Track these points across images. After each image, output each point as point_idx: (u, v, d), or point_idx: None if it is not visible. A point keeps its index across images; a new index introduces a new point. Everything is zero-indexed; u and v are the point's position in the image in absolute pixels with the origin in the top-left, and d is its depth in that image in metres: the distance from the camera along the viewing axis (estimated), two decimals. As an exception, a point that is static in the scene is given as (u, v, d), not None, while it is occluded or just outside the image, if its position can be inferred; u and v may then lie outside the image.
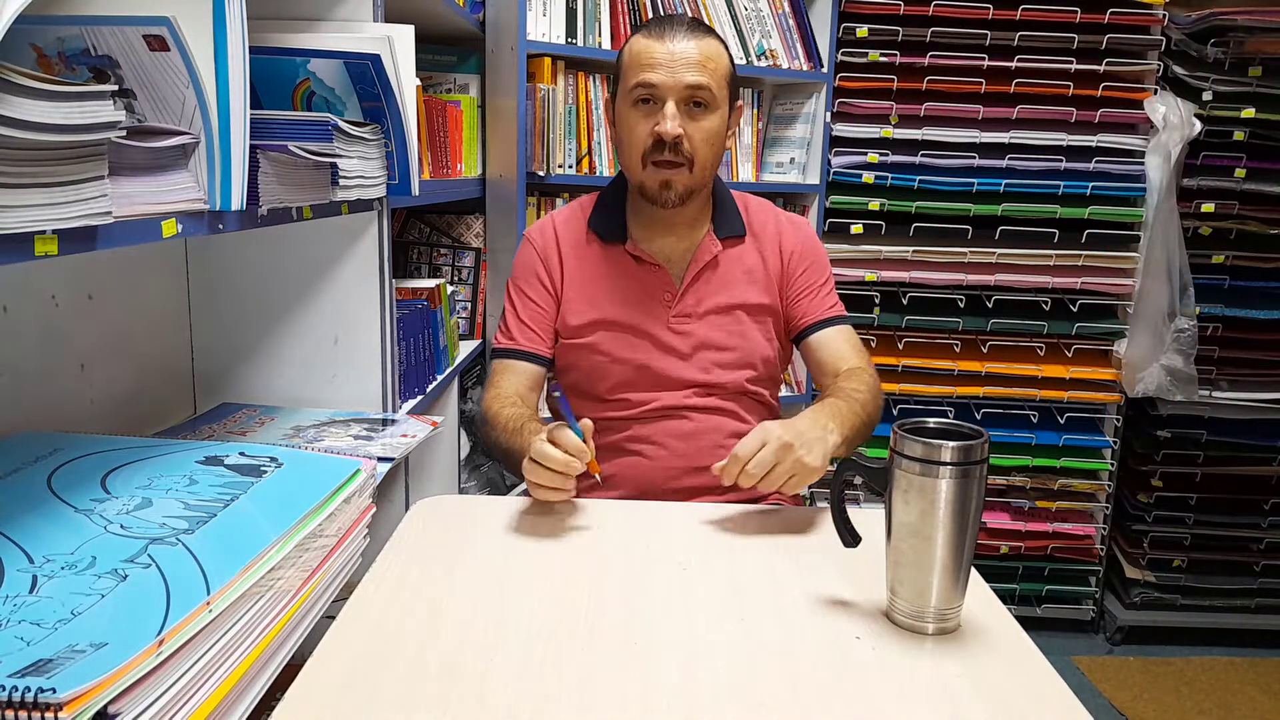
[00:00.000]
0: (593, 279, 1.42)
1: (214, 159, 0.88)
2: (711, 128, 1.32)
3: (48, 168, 0.64)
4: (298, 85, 1.26)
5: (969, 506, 0.86)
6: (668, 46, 1.29)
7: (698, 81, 1.28)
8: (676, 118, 1.29)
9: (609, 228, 1.42)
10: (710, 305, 1.39)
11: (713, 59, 1.30)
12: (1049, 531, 2.54)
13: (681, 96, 1.29)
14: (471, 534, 1.11)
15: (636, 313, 1.39)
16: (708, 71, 1.29)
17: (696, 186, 1.35)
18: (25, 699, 0.58)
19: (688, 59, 1.28)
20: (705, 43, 1.31)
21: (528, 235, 1.47)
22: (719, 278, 1.40)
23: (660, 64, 1.29)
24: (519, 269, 1.45)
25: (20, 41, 0.83)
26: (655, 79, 1.29)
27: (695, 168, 1.32)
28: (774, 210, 1.48)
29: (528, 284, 1.43)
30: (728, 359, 1.39)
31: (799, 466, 1.09)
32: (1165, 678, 2.45)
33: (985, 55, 2.35)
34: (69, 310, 1.15)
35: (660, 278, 1.40)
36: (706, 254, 1.40)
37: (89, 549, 0.78)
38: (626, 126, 1.34)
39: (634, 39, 1.34)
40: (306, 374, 1.44)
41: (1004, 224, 2.42)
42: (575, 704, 0.77)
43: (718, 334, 1.39)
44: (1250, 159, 2.38)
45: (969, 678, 0.82)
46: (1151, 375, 2.38)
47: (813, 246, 1.46)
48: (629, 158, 1.35)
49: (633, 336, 1.38)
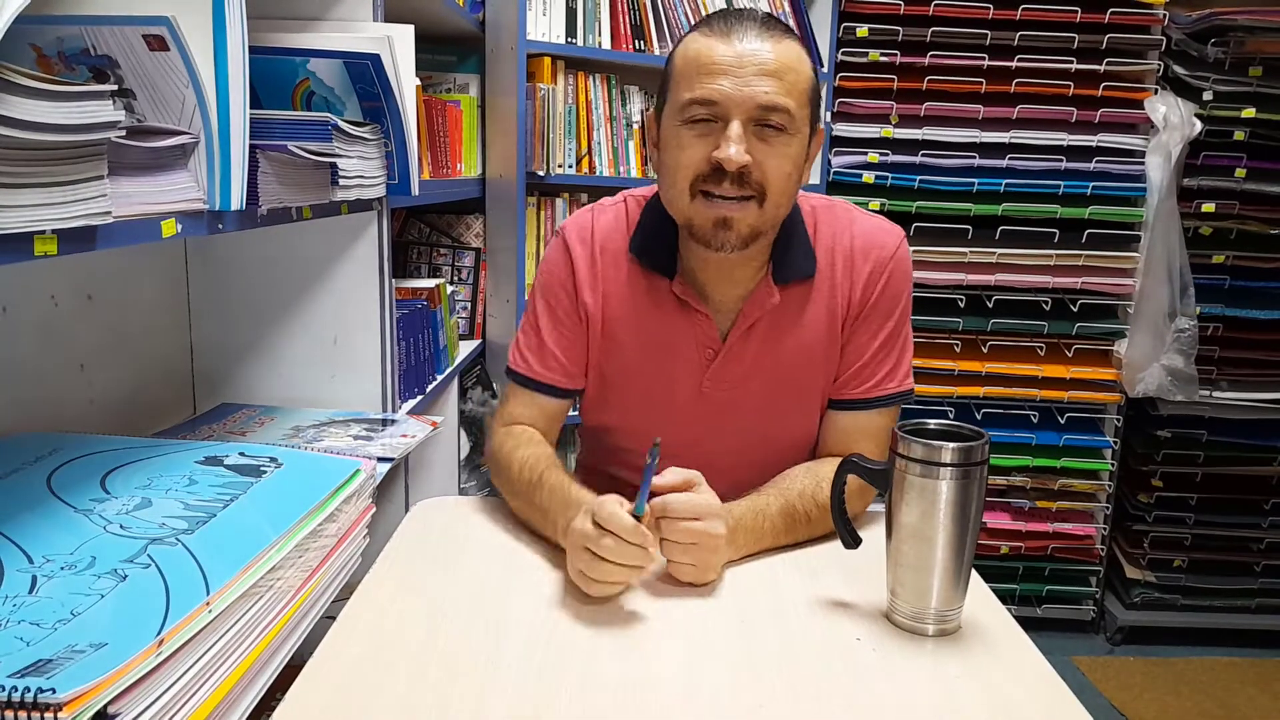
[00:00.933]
0: (626, 314, 1.15)
1: (213, 159, 0.88)
2: (789, 155, 1.02)
3: (47, 167, 0.64)
4: (297, 85, 1.26)
5: (970, 508, 0.86)
6: (735, 48, 0.99)
7: (773, 101, 0.98)
8: (743, 141, 0.99)
9: (654, 255, 1.13)
10: (755, 375, 1.14)
11: (792, 68, 1.00)
12: (1049, 532, 2.54)
13: (750, 115, 0.99)
14: (472, 535, 1.10)
15: (667, 365, 1.14)
16: (786, 85, 0.99)
17: (766, 228, 1.05)
18: (25, 699, 0.58)
19: (761, 66, 0.99)
20: (784, 46, 1.01)
21: (564, 234, 1.18)
22: (773, 338, 1.13)
23: (724, 71, 0.99)
24: (549, 277, 1.18)
25: (20, 41, 0.83)
26: (717, 92, 0.99)
27: (767, 203, 1.02)
28: (850, 223, 1.14)
29: (556, 299, 1.16)
30: (755, 439, 1.16)
31: (705, 564, 0.96)
32: (1165, 678, 2.45)
33: (985, 55, 2.35)
34: (68, 310, 1.15)
35: (705, 329, 1.13)
36: (759, 307, 1.11)
37: (88, 549, 0.78)
38: (673, 148, 1.03)
39: (689, 38, 1.04)
40: (306, 374, 1.44)
41: (1004, 224, 2.42)
42: (576, 705, 0.77)
43: (754, 410, 1.15)
44: (1251, 159, 2.37)
45: (969, 679, 0.82)
46: (1152, 375, 2.38)
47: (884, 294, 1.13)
48: (672, 187, 1.05)
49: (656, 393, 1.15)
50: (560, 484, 1.04)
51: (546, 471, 1.07)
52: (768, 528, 1.04)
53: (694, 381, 1.14)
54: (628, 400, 1.17)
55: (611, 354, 1.16)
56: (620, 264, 1.15)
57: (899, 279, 1.14)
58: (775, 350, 1.13)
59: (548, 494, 1.04)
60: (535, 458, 1.10)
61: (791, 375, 1.14)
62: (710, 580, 0.98)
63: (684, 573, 0.96)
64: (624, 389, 1.17)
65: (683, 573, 0.96)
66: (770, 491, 1.07)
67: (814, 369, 1.15)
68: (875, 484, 0.92)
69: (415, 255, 2.17)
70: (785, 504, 1.06)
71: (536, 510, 1.06)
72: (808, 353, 1.14)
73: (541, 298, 1.18)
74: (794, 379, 1.14)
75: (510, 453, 1.13)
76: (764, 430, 1.16)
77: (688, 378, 1.14)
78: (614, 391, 1.18)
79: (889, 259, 1.13)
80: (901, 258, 1.14)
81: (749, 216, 1.02)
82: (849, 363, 1.15)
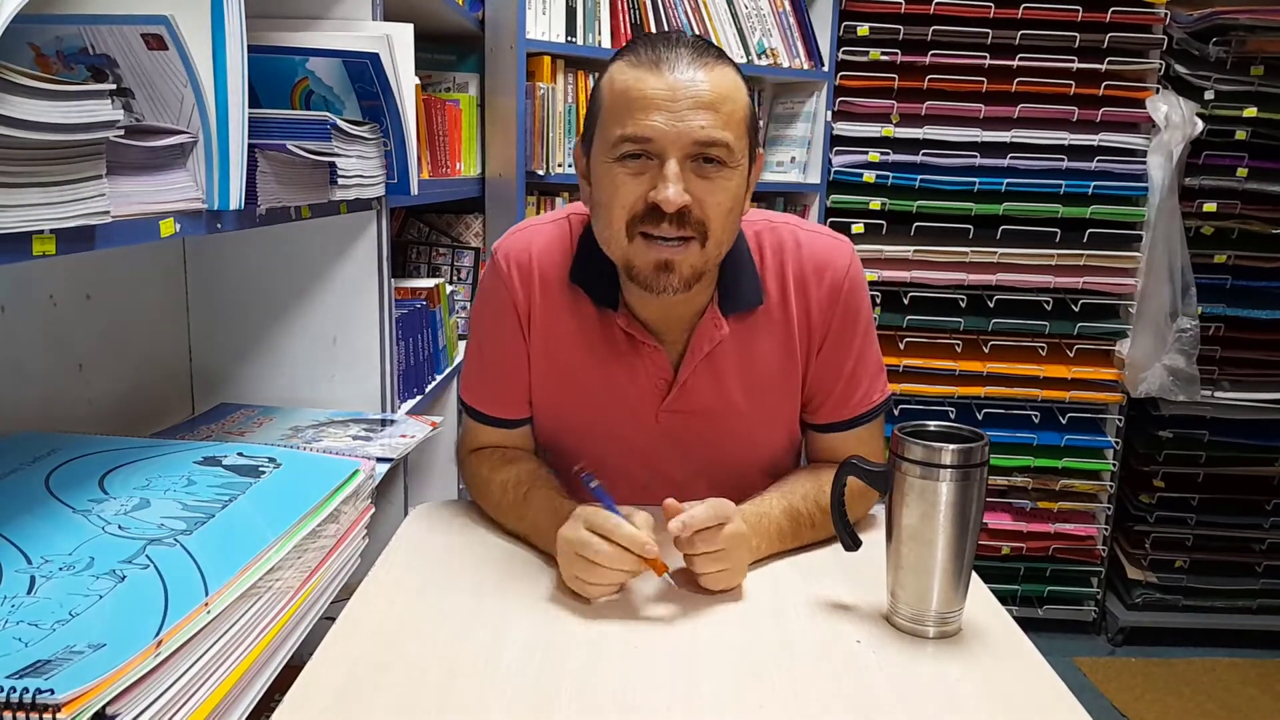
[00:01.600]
0: (567, 346, 1.10)
1: (212, 158, 0.88)
2: (729, 191, 0.96)
3: (46, 167, 0.64)
4: (296, 84, 1.26)
5: (970, 509, 0.86)
6: (666, 79, 0.93)
7: (710, 136, 0.93)
8: (680, 180, 0.93)
9: (595, 287, 1.07)
10: (712, 405, 1.10)
11: (729, 98, 0.95)
12: (1050, 532, 2.54)
13: (687, 152, 0.93)
14: (471, 537, 1.10)
15: (619, 395, 1.09)
16: (723, 117, 0.94)
17: (709, 267, 1.00)
18: (24, 700, 0.58)
19: (696, 98, 0.92)
20: (718, 74, 0.95)
21: (499, 256, 1.11)
22: (726, 368, 1.09)
23: (657, 105, 0.93)
24: (485, 304, 1.13)
25: (18, 40, 0.83)
26: (651, 129, 0.92)
27: (709, 242, 0.97)
28: (797, 245, 1.09)
29: (497, 328, 1.11)
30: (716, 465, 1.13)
31: (737, 565, 0.94)
32: (1167, 679, 2.45)
33: (987, 54, 2.35)
34: (67, 310, 1.15)
35: (655, 359, 1.08)
36: (707, 341, 1.07)
37: (87, 550, 0.78)
38: (607, 187, 0.97)
39: (615, 67, 0.97)
40: (305, 374, 1.44)
41: (1005, 223, 2.41)
42: (576, 707, 0.77)
43: (713, 438, 1.12)
44: (1252, 158, 2.37)
45: (970, 681, 0.82)
46: (1153, 375, 2.38)
47: (845, 316, 1.10)
48: (607, 227, 0.98)
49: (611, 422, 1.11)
50: (548, 499, 1.03)
51: (531, 490, 1.06)
52: (774, 530, 1.03)
53: (650, 410, 1.11)
54: (581, 428, 1.13)
55: (562, 382, 1.12)
56: (563, 289, 1.09)
57: (855, 294, 1.10)
58: (730, 380, 1.10)
59: (536, 511, 1.03)
60: (516, 477, 1.08)
61: (749, 402, 1.11)
62: (739, 583, 0.96)
63: (717, 581, 0.94)
64: (577, 417, 1.13)
65: (716, 581, 0.94)
66: (772, 495, 1.06)
67: (772, 395, 1.12)
68: (875, 486, 0.92)
69: (414, 255, 2.17)
70: (788, 506, 1.05)
71: (527, 526, 1.05)
72: (764, 380, 1.11)
73: (479, 326, 1.15)
74: (752, 406, 1.11)
75: (488, 477, 1.12)
76: (725, 456, 1.13)
77: (643, 406, 1.11)
78: (566, 418, 1.14)
79: (843, 278, 1.09)
80: (855, 274, 1.10)
81: (691, 257, 0.97)
82: (825, 388, 1.12)
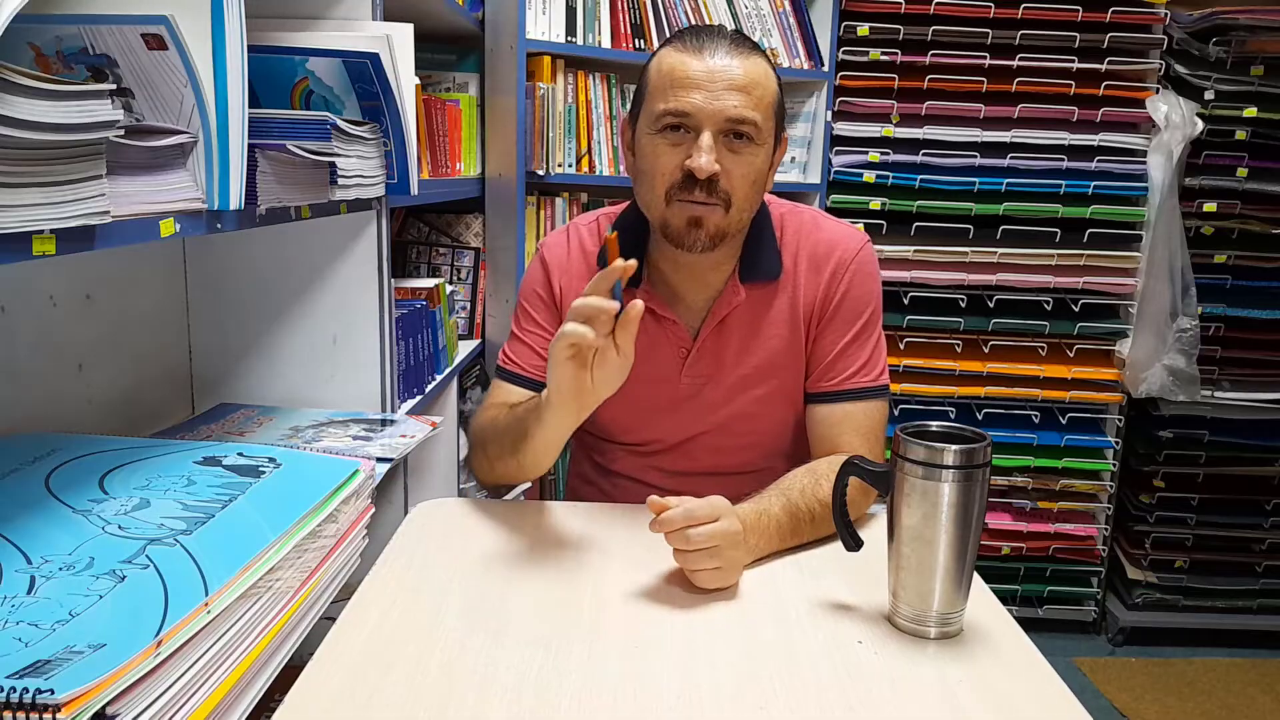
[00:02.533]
0: None
1: (212, 158, 0.88)
2: (755, 164, 1.10)
3: (45, 167, 0.63)
4: (296, 84, 1.26)
5: (971, 510, 0.86)
6: (706, 63, 1.07)
7: (741, 114, 1.07)
8: (713, 151, 1.07)
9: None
10: (728, 366, 1.21)
11: (759, 84, 1.09)
12: (1051, 532, 2.54)
13: (720, 127, 1.07)
14: (471, 537, 1.10)
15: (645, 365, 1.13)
16: (753, 100, 1.08)
17: (732, 230, 1.13)
18: (24, 700, 0.57)
19: (731, 81, 1.07)
20: (752, 62, 1.09)
21: (543, 250, 1.29)
22: (741, 332, 1.21)
23: (697, 85, 1.07)
24: (528, 287, 1.29)
25: (18, 40, 0.83)
26: (690, 105, 1.07)
27: (732, 208, 1.10)
28: (815, 228, 1.23)
29: (534, 305, 1.26)
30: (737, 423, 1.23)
31: (731, 563, 0.96)
32: (1167, 679, 2.45)
33: (987, 54, 2.35)
34: (67, 310, 1.15)
35: (675, 331, 1.21)
36: (725, 306, 1.19)
37: (87, 550, 0.78)
38: (649, 155, 1.11)
39: (663, 52, 1.12)
40: (305, 374, 1.43)
41: (1005, 223, 2.42)
42: (576, 707, 0.77)
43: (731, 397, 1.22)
44: (1252, 158, 2.37)
45: (971, 681, 0.82)
46: (1154, 375, 2.38)
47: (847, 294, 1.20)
48: (650, 192, 1.13)
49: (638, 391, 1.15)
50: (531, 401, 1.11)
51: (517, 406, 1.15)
52: (774, 528, 1.04)
53: (673, 377, 1.22)
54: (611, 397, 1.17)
55: None
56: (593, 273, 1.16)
57: (863, 280, 1.21)
58: (744, 343, 1.21)
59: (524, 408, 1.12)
60: (507, 410, 1.17)
61: (761, 365, 1.21)
62: (734, 582, 0.97)
63: (709, 579, 0.95)
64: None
65: (708, 580, 0.95)
66: (770, 493, 1.07)
67: (781, 360, 1.21)
68: (876, 486, 0.92)
69: (414, 255, 2.17)
70: (788, 503, 1.06)
71: (520, 423, 1.10)
72: (773, 345, 1.21)
73: (521, 306, 1.28)
74: (764, 369, 1.21)
75: (486, 421, 1.21)
76: (744, 414, 1.23)
77: (667, 374, 1.22)
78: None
79: (850, 260, 1.20)
80: (864, 260, 1.21)
81: (716, 218, 1.10)
82: (820, 358, 1.21)
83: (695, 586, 0.96)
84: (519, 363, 1.26)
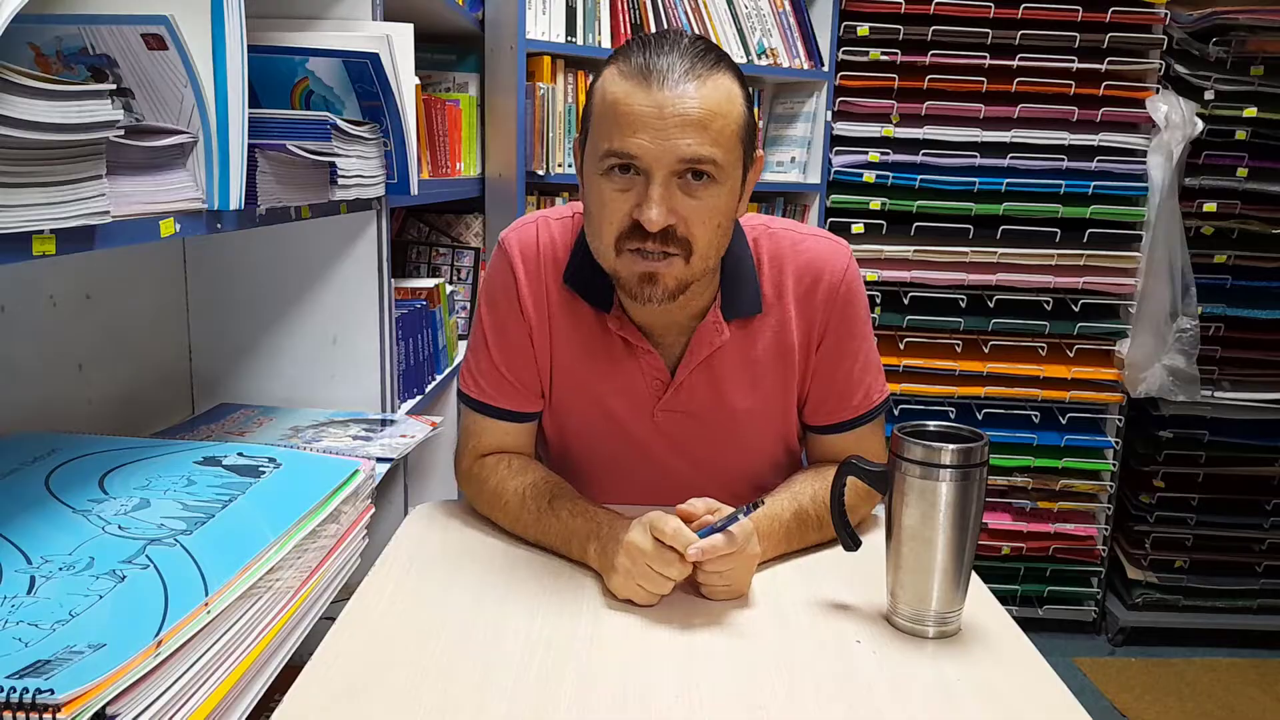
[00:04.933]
0: (571, 337, 1.10)
1: (212, 158, 0.88)
2: (717, 206, 0.95)
3: (45, 167, 0.63)
4: (296, 84, 1.26)
5: (969, 509, 0.86)
6: (654, 96, 0.90)
7: (696, 154, 0.91)
8: (665, 201, 0.92)
9: (589, 289, 1.07)
10: (708, 407, 1.10)
11: (718, 113, 0.92)
12: (1050, 532, 2.54)
13: (674, 169, 0.92)
14: (471, 538, 1.10)
15: (615, 393, 1.10)
16: (712, 135, 0.91)
17: (696, 278, 0.99)
18: (24, 700, 0.58)
19: (684, 116, 0.90)
20: (710, 87, 0.92)
21: (506, 245, 1.12)
22: (723, 372, 1.09)
23: (644, 123, 0.90)
24: (493, 292, 1.12)
25: (18, 40, 0.83)
26: (636, 147, 0.91)
27: (694, 256, 0.96)
28: (795, 251, 1.09)
29: (502, 316, 1.11)
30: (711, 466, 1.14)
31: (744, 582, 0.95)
32: (1167, 679, 2.45)
33: (987, 54, 2.35)
34: (67, 310, 1.15)
35: (650, 362, 1.09)
36: (707, 344, 1.07)
37: (87, 550, 0.78)
38: (595, 199, 0.97)
39: (608, 75, 0.95)
40: (305, 374, 1.43)
41: (1005, 223, 2.41)
42: (575, 708, 0.77)
43: (708, 438, 1.12)
44: (1252, 158, 2.37)
45: (970, 681, 0.82)
46: (1153, 375, 2.38)
47: (843, 318, 1.10)
48: (597, 239, 0.98)
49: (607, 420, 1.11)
50: (580, 505, 1.02)
51: (556, 500, 1.04)
52: (782, 533, 1.04)
53: (646, 410, 1.11)
54: (578, 423, 1.14)
55: (559, 375, 1.12)
56: (563, 286, 1.09)
57: (853, 295, 1.10)
58: (728, 383, 1.10)
59: (568, 516, 1.02)
60: (534, 486, 1.07)
61: (746, 406, 1.11)
62: (745, 593, 0.96)
63: (722, 594, 0.95)
64: (574, 412, 1.14)
65: (720, 594, 0.95)
66: (782, 496, 1.07)
67: (768, 398, 1.12)
68: (875, 486, 0.92)
69: (414, 255, 2.17)
70: (798, 508, 1.06)
71: (555, 536, 1.03)
72: (760, 383, 1.11)
73: (488, 314, 1.13)
74: (749, 409, 1.11)
75: (499, 485, 1.09)
76: (723, 456, 1.14)
77: (639, 406, 1.11)
78: (569, 414, 1.14)
79: (839, 282, 1.09)
80: (851, 276, 1.10)
81: (675, 271, 0.96)
82: (826, 390, 1.12)
83: (695, 587, 0.96)
84: (492, 394, 1.12)
